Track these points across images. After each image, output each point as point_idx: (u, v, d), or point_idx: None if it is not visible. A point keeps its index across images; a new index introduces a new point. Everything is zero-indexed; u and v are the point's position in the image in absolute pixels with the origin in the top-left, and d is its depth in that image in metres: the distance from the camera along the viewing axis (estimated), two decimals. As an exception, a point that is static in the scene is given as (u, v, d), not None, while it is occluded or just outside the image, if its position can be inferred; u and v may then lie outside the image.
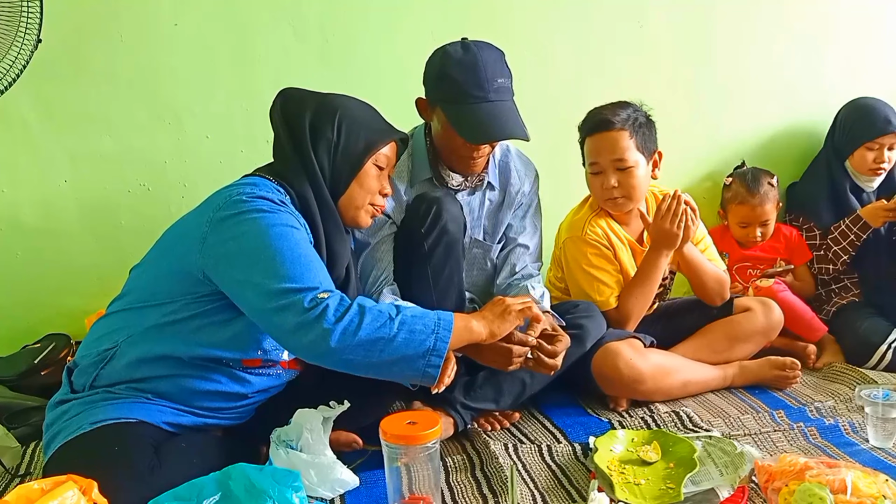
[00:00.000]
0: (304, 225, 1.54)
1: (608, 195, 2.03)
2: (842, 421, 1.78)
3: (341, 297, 1.40)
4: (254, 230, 1.43)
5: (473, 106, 1.75)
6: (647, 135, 2.03)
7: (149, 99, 2.28)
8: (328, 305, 1.36)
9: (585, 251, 2.07)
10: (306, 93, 1.65)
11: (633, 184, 2.01)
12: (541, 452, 1.71)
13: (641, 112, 2.05)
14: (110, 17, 2.20)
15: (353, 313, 1.37)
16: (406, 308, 1.45)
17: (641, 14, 2.67)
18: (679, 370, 2.00)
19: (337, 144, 1.59)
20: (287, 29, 2.35)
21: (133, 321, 1.53)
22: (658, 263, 2.02)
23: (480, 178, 1.97)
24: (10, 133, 2.20)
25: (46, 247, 2.28)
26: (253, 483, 1.28)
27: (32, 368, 2.05)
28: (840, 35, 2.89)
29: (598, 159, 2.02)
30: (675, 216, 1.95)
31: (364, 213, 1.67)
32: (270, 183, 1.56)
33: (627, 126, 1.99)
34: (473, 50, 1.77)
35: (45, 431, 1.50)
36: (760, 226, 2.52)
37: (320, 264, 1.48)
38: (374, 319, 1.37)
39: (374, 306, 1.41)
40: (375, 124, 1.66)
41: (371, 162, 1.63)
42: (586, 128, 2.06)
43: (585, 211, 2.13)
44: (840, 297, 2.50)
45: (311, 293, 1.37)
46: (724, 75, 2.80)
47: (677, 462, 1.58)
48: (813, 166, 2.73)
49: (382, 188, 1.68)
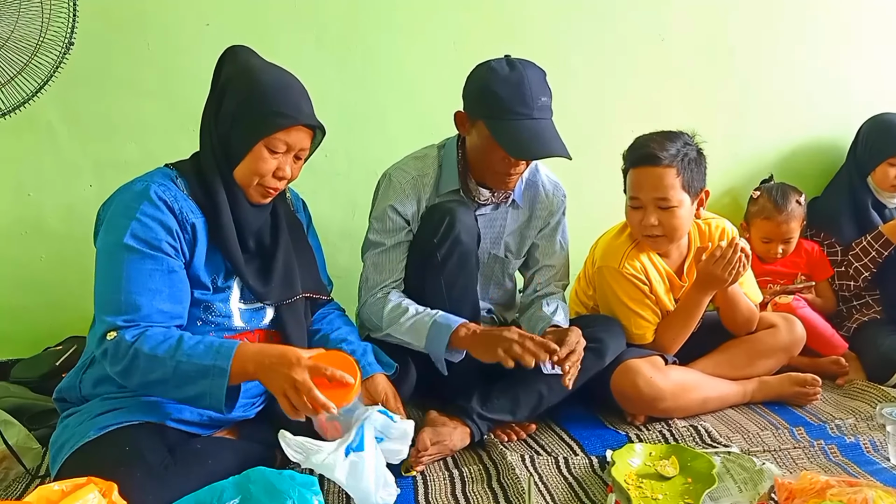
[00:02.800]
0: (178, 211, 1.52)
1: (646, 232, 1.96)
2: (863, 439, 1.76)
3: (121, 338, 1.43)
4: (100, 242, 1.54)
5: (517, 122, 1.75)
6: (696, 172, 1.93)
7: (173, 107, 2.31)
8: (107, 349, 1.44)
9: (622, 284, 2.01)
10: (243, 54, 1.61)
11: (674, 224, 1.93)
12: (558, 465, 1.71)
13: (692, 146, 1.95)
14: (137, 25, 2.24)
15: (129, 358, 1.42)
16: (186, 350, 1.43)
17: (663, 28, 2.67)
18: (699, 387, 1.98)
19: (234, 116, 1.55)
20: (309, 37, 2.37)
21: (96, 328, 1.55)
22: (701, 303, 1.99)
23: (506, 194, 1.97)
24: (36, 139, 2.23)
25: (69, 251, 2.30)
26: (273, 485, 1.28)
27: (54, 370, 2.07)
28: (863, 50, 2.88)
29: (639, 195, 1.94)
30: (728, 264, 1.89)
31: (254, 191, 1.60)
32: (163, 169, 1.61)
33: (675, 163, 1.88)
34: (519, 67, 1.77)
35: (51, 447, 1.51)
36: (783, 243, 2.49)
37: (140, 291, 1.47)
38: (148, 363, 1.42)
39: (153, 349, 1.42)
40: (279, 106, 1.54)
41: (262, 144, 1.55)
42: (631, 158, 1.97)
43: (624, 240, 2.04)
44: (861, 314, 2.48)
45: (104, 328, 1.45)
46: (746, 89, 2.79)
47: (695, 477, 1.57)
48: (834, 182, 2.71)
49: (278, 170, 1.58)
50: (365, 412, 1.51)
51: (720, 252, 1.90)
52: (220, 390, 1.42)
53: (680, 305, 2.03)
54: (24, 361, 2.17)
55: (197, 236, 1.55)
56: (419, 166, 1.94)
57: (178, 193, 1.54)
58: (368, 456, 1.42)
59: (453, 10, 2.47)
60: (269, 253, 1.67)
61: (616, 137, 2.68)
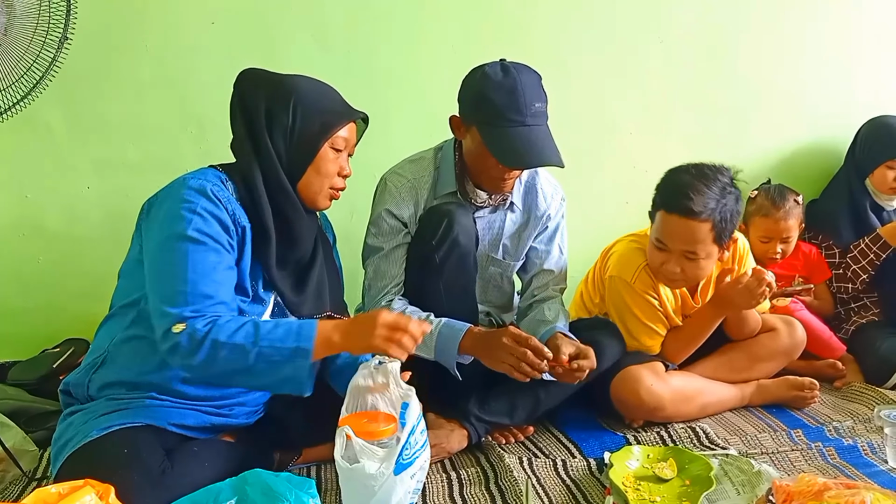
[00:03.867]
0: (232, 217, 1.51)
1: (667, 276, 1.91)
2: (860, 441, 1.76)
3: (194, 329, 1.39)
4: (156, 236, 1.49)
5: (510, 129, 1.74)
6: (730, 224, 1.84)
7: (172, 108, 2.31)
8: (179, 343, 1.39)
9: (633, 297, 1.99)
10: (264, 75, 1.63)
11: (698, 274, 1.90)
12: (555, 467, 1.71)
13: (732, 193, 1.84)
14: (137, 26, 2.24)
15: (207, 349, 1.39)
16: (265, 335, 1.41)
17: (663, 31, 2.67)
18: (699, 393, 1.97)
19: (293, 129, 1.57)
20: (310, 40, 2.37)
21: (115, 326, 1.57)
22: (714, 322, 1.99)
23: (504, 197, 1.97)
24: (35, 139, 2.23)
25: (68, 252, 2.31)
26: (270, 487, 1.28)
27: (52, 372, 2.07)
28: (863, 53, 2.88)
29: (668, 242, 1.85)
30: (751, 295, 1.87)
31: (323, 197, 1.64)
32: (213, 170, 1.58)
33: (713, 217, 1.78)
34: (513, 73, 1.75)
35: (53, 445, 1.51)
36: (781, 242, 2.49)
37: (203, 280, 1.44)
38: (229, 352, 1.39)
39: (230, 338, 1.39)
40: (332, 106, 1.62)
41: (327, 145, 1.60)
42: (665, 202, 1.85)
43: (640, 255, 1.99)
44: (859, 317, 2.48)
45: (170, 322, 1.40)
46: (746, 92, 2.79)
47: (693, 480, 1.57)
48: (833, 184, 2.71)
49: (341, 170, 1.64)
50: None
51: (745, 281, 1.88)
52: (304, 372, 1.42)
53: (692, 320, 2.03)
54: (21, 363, 2.17)
55: (245, 240, 1.55)
56: (415, 169, 1.94)
57: (229, 196, 1.54)
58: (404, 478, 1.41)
59: (453, 14, 2.47)
60: (307, 266, 1.68)
61: (616, 140, 2.71)
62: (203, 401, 1.57)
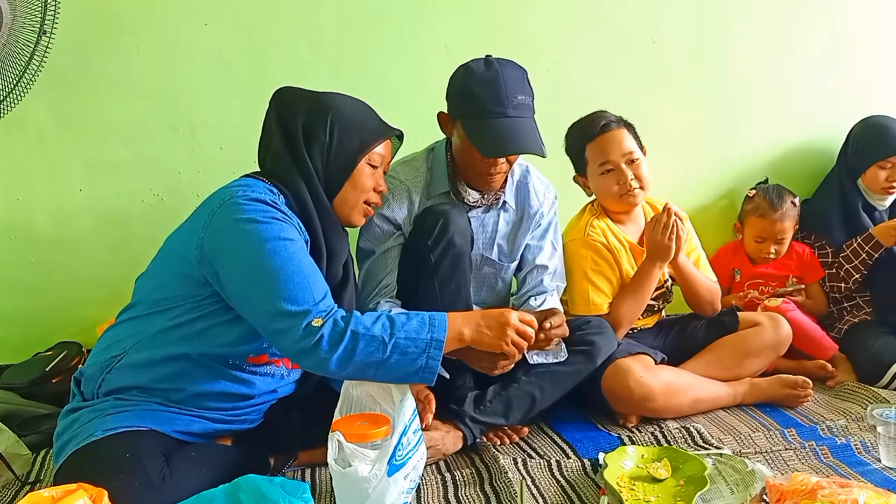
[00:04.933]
0: (298, 226, 1.54)
1: (627, 189, 2.08)
2: (854, 440, 1.77)
3: (334, 321, 1.41)
4: (248, 244, 1.45)
5: (491, 121, 1.75)
6: (635, 132, 2.14)
7: (164, 109, 2.30)
8: (322, 335, 1.40)
9: (587, 254, 2.11)
10: (300, 93, 1.65)
11: (645, 174, 2.10)
12: (550, 468, 1.71)
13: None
14: (127, 28, 2.23)
15: (347, 340, 1.40)
16: (400, 327, 1.45)
17: (654, 30, 2.68)
18: (690, 388, 1.99)
19: (330, 146, 1.59)
20: (302, 41, 2.37)
21: (140, 328, 1.56)
22: (652, 274, 2.07)
23: (497, 196, 1.97)
24: (25, 141, 2.22)
25: (60, 255, 2.30)
26: (263, 494, 1.28)
27: (44, 376, 2.06)
28: (854, 53, 2.88)
29: (609, 157, 2.08)
30: (666, 229, 2.00)
31: (357, 213, 1.67)
32: (263, 184, 1.56)
33: (622, 125, 2.11)
34: (495, 66, 1.77)
35: (56, 440, 1.51)
36: (776, 243, 2.50)
37: (315, 276, 1.48)
38: (367, 344, 1.42)
39: (369, 330, 1.42)
40: (368, 123, 1.66)
41: (364, 161, 1.63)
42: (587, 134, 2.12)
43: (586, 215, 2.19)
44: (852, 316, 2.49)
45: (306, 319, 1.40)
46: (737, 92, 2.80)
47: (688, 479, 1.57)
48: (825, 184, 2.72)
49: (377, 185, 1.68)
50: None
51: (657, 219, 2.03)
52: (437, 362, 1.45)
53: (633, 278, 2.11)
54: (13, 367, 2.15)
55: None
56: (408, 171, 1.94)
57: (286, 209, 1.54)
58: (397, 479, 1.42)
59: (444, 14, 2.47)
60: (342, 285, 1.69)
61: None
62: (216, 410, 1.57)
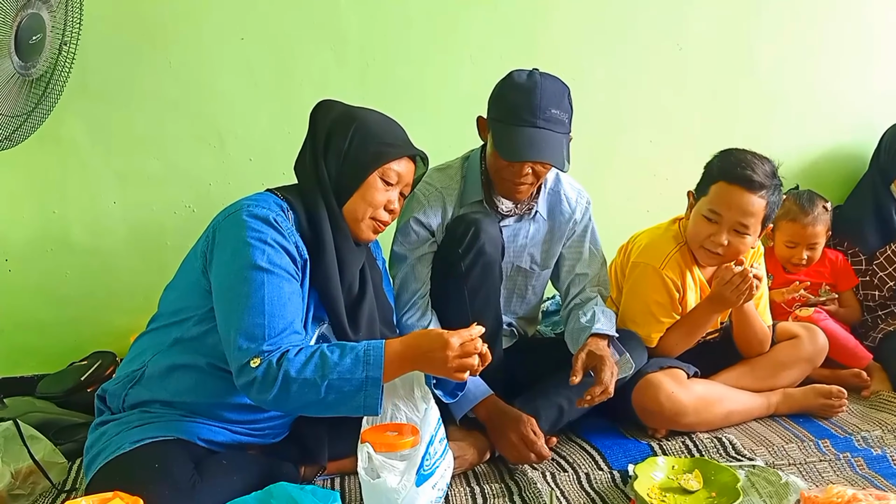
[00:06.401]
0: (296, 245, 1.53)
1: (711, 248, 1.93)
2: (890, 451, 1.74)
3: (269, 363, 1.39)
4: (230, 264, 1.47)
5: (519, 128, 1.75)
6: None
7: (194, 122, 2.34)
8: (256, 377, 1.39)
9: (656, 286, 2.00)
10: (337, 106, 1.67)
11: (740, 249, 1.93)
12: (579, 479, 1.70)
13: (780, 184, 1.94)
14: (159, 43, 2.27)
15: (280, 383, 1.38)
16: (333, 367, 1.40)
17: (681, 36, 2.66)
18: (721, 400, 1.96)
19: (347, 153, 1.59)
20: (328, 53, 2.39)
21: (159, 339, 1.58)
22: (708, 318, 2.00)
23: (529, 206, 1.97)
24: (60, 154, 2.27)
25: (94, 265, 2.34)
26: (295, 501, 1.29)
27: (79, 385, 2.10)
28: (886, 56, 2.84)
29: (723, 212, 1.90)
30: (738, 291, 1.88)
31: (365, 226, 1.63)
32: (275, 198, 1.57)
33: (768, 195, 1.88)
34: (536, 77, 1.78)
35: (86, 454, 1.53)
36: (808, 248, 2.46)
37: (280, 308, 1.45)
38: (300, 387, 1.39)
39: (300, 373, 1.39)
40: (388, 138, 1.64)
41: (377, 175, 1.61)
42: (727, 173, 1.90)
43: (670, 241, 2.03)
44: (887, 324, 2.45)
45: (247, 356, 1.40)
46: (766, 97, 2.77)
47: (719, 491, 1.55)
48: (858, 190, 2.68)
49: (389, 203, 1.64)
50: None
51: (730, 276, 1.88)
52: (376, 399, 1.41)
53: (689, 315, 2.03)
54: (49, 376, 2.20)
55: (305, 272, 1.56)
56: (442, 178, 1.95)
57: (291, 228, 1.55)
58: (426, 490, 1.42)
59: (470, 24, 2.48)
60: (358, 298, 1.68)
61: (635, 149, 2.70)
62: (237, 423, 1.59)
